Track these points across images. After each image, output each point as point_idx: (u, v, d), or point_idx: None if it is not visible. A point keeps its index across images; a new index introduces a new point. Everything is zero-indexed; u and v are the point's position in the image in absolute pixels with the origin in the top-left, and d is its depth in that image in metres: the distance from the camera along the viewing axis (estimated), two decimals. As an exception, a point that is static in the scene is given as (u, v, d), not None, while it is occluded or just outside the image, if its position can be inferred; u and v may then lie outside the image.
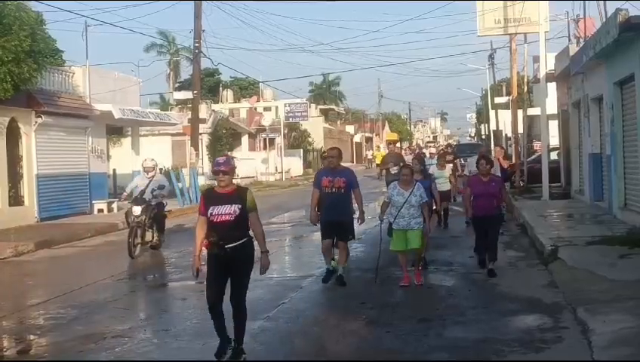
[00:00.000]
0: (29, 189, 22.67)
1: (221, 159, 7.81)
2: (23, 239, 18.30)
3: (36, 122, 22.93)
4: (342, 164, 11.96)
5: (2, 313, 10.71)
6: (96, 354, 8.13)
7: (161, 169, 25.23)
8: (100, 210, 25.70)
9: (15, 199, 22.20)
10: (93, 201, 25.87)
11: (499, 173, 16.62)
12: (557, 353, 7.47)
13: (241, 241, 7.45)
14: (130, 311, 10.76)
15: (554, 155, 29.19)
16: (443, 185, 17.65)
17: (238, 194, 7.60)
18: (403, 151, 39.10)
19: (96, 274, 13.73)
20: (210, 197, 7.71)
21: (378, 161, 36.76)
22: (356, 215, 11.55)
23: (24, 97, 21.86)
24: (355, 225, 11.63)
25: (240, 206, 7.48)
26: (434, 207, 13.41)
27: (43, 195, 23.01)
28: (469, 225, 14.78)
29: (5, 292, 12.85)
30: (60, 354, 8.19)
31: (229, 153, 45.03)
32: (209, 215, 7.50)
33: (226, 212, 7.43)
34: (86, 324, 9.71)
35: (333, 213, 11.14)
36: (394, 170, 17.15)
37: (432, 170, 18.01)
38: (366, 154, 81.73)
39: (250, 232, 7.56)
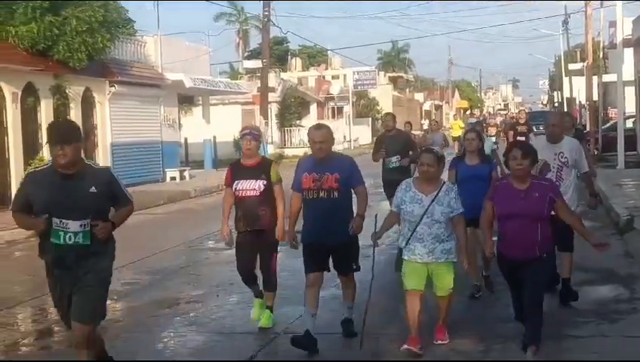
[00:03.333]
0: (103, 158, 23.18)
1: (249, 126, 7.99)
2: (98, 206, 18.73)
3: (110, 91, 23.37)
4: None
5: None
6: (170, 319, 8.32)
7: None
8: (173, 178, 26.14)
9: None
10: (166, 169, 26.33)
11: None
12: (631, 324, 7.35)
13: (263, 227, 7.49)
14: (203, 277, 10.93)
15: (630, 123, 28.41)
16: None
17: (263, 168, 7.50)
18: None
19: (169, 241, 13.97)
20: (237, 169, 7.67)
21: (454, 132, 32.33)
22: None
23: (98, 67, 22.27)
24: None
25: (265, 181, 7.42)
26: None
27: (117, 163, 23.48)
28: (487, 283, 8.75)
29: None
30: (136, 318, 8.39)
31: (297, 122, 45.21)
32: (234, 190, 7.52)
33: (251, 187, 7.42)
34: (160, 290, 9.93)
35: (323, 231, 6.93)
36: (393, 161, 11.78)
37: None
38: (422, 124, 67.40)
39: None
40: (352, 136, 51.44)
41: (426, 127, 64.39)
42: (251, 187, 7.41)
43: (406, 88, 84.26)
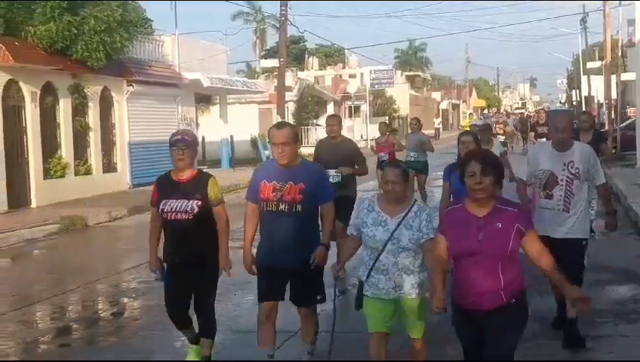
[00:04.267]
0: (121, 156, 23.31)
1: (180, 131, 6.44)
2: (116, 205, 18.86)
3: (128, 91, 23.47)
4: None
5: (98, 276, 11.08)
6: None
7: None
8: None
9: (108, 166, 22.86)
10: (183, 168, 26.32)
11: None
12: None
13: (199, 256, 6.03)
14: (221, 276, 10.94)
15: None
16: None
17: (198, 184, 6.00)
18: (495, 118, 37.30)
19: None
20: (165, 185, 6.11)
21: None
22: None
23: (116, 66, 22.37)
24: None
25: (200, 201, 5.93)
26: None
27: (135, 162, 23.61)
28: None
29: (101, 256, 13.28)
30: (153, 317, 8.43)
31: (314, 120, 45.21)
32: (160, 211, 6.03)
33: (182, 209, 5.94)
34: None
35: (281, 252, 5.85)
36: (332, 175, 8.46)
37: None
38: (434, 122, 66.24)
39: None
40: (369, 134, 51.35)
41: (437, 125, 64.10)
42: (182, 208, 5.93)
43: (423, 87, 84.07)
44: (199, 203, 5.93)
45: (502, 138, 22.25)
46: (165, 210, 5.99)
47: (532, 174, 6.85)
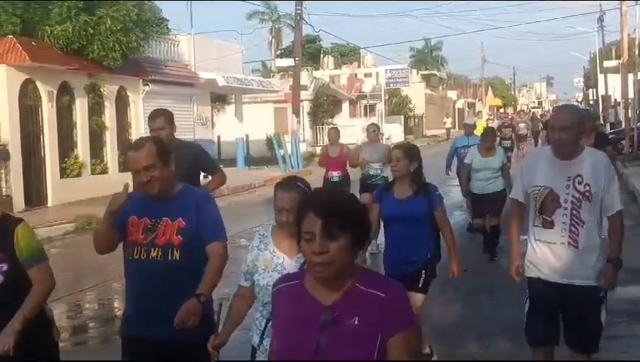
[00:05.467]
0: (137, 156, 23.41)
1: None
2: (132, 204, 18.94)
3: (144, 90, 23.58)
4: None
5: (114, 275, 11.13)
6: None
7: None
8: (205, 176, 26.27)
9: (124, 165, 22.96)
10: (199, 167, 26.41)
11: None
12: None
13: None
14: (235, 274, 10.99)
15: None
16: (490, 185, 10.77)
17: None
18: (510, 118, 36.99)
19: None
20: None
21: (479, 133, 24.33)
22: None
23: (132, 66, 22.48)
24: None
25: (4, 259, 4.02)
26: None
27: (150, 161, 23.71)
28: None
29: (116, 255, 13.29)
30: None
31: (330, 120, 45.20)
32: None
33: None
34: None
35: (152, 318, 4.17)
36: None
37: (470, 157, 10.98)
38: (445, 121, 62.62)
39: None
40: (385, 134, 51.33)
41: (448, 125, 63.28)
42: None
43: (439, 86, 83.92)
44: (5, 265, 4.01)
45: (507, 143, 21.52)
46: None
47: (524, 191, 4.95)
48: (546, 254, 4.79)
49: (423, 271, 5.89)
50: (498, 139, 19.89)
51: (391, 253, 6.11)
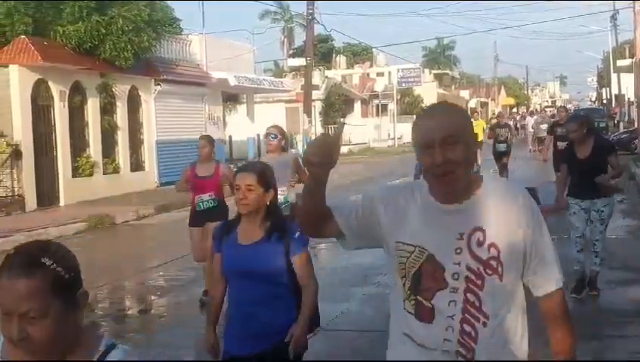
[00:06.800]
0: (149, 155, 23.49)
1: None
2: (143, 203, 19.00)
3: (155, 90, 23.65)
4: None
5: (125, 274, 11.20)
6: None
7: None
8: (217, 176, 26.30)
9: (136, 164, 23.06)
10: (210, 167, 26.43)
11: None
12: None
13: None
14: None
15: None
16: None
17: None
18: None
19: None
20: None
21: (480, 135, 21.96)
22: None
23: (144, 66, 22.55)
24: None
25: None
26: None
27: (162, 161, 23.77)
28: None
29: (128, 253, 13.40)
30: (179, 314, 8.50)
31: (342, 120, 45.19)
32: None
33: None
34: (203, 286, 10.02)
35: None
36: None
37: None
38: None
39: None
40: (397, 133, 51.28)
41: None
42: None
43: (451, 85, 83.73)
44: None
45: (502, 146, 18.45)
46: None
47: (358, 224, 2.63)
48: None
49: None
50: (492, 141, 18.78)
51: (233, 323, 4.04)
